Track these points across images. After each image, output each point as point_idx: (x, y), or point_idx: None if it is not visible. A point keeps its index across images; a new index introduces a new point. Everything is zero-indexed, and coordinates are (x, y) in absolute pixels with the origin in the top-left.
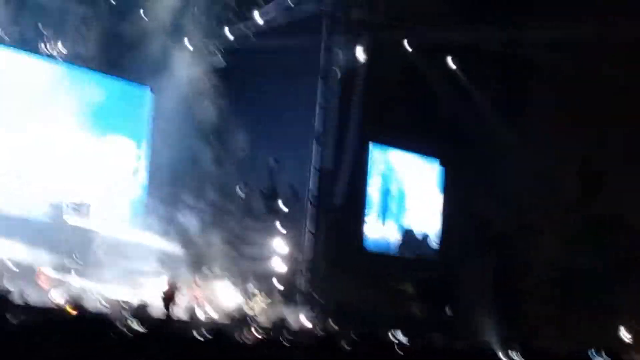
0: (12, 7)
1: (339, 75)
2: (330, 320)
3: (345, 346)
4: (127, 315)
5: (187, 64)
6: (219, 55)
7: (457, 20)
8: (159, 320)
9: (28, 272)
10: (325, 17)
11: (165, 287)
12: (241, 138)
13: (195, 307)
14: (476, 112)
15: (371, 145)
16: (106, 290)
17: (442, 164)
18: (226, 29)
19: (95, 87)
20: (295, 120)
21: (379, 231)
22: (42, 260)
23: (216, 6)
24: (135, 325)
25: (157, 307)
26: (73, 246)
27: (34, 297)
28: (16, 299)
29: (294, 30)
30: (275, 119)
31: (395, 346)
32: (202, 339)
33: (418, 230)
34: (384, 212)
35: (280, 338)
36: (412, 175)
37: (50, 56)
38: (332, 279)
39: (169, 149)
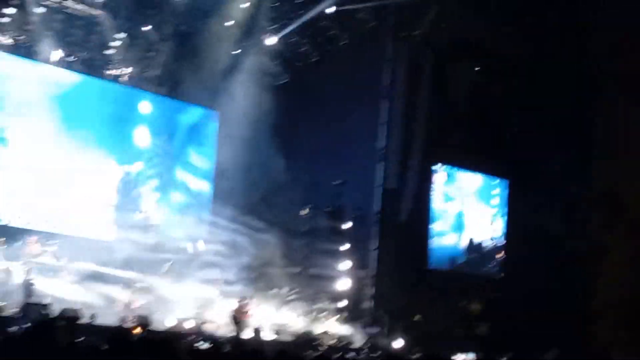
0: (86, 34)
1: (403, 94)
2: (395, 339)
3: None
4: (195, 335)
5: (251, 85)
6: (282, 75)
7: (522, 37)
8: (227, 339)
9: (100, 293)
10: (389, 36)
11: (235, 307)
12: (305, 157)
13: (263, 326)
14: (542, 129)
15: (435, 164)
16: (175, 309)
17: (507, 182)
18: (288, 48)
19: (161, 110)
20: (359, 139)
21: (444, 249)
22: (112, 281)
23: (278, 26)
24: (204, 345)
25: (225, 327)
26: (142, 266)
27: (105, 318)
28: (87, 319)
29: (358, 48)
30: (339, 138)
31: None
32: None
33: (483, 248)
34: (449, 230)
35: (347, 357)
36: (477, 193)
37: (117, 81)
38: (398, 297)
39: (234, 170)
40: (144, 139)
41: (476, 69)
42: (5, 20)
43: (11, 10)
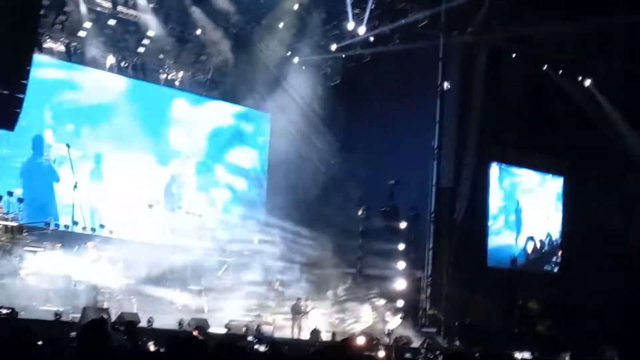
0: (138, 39)
1: (456, 91)
2: (454, 338)
3: None
4: (253, 337)
5: (304, 86)
6: (335, 76)
7: (576, 30)
8: (285, 341)
9: (156, 297)
10: (441, 34)
11: (296, 309)
12: (359, 158)
13: (320, 327)
14: (600, 125)
15: (491, 161)
16: (231, 312)
17: (564, 178)
18: (341, 49)
19: (217, 114)
20: (414, 138)
21: (501, 247)
22: (169, 284)
23: (330, 26)
24: (261, 348)
25: (281, 329)
26: (197, 270)
27: (161, 321)
28: (145, 323)
29: (411, 47)
30: (393, 138)
31: None
32: None
33: (541, 245)
34: (506, 228)
35: (405, 357)
36: (533, 190)
37: (169, 85)
38: (455, 296)
39: (288, 170)
40: (196, 142)
41: (530, 65)
42: (58, 27)
43: (63, 17)
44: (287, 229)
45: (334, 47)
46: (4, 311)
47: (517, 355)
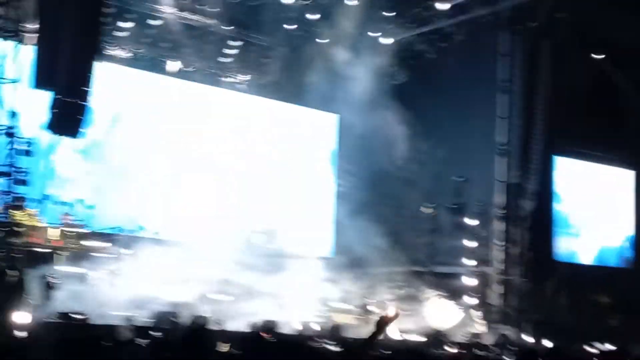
0: (202, 44)
1: (522, 87)
2: (525, 334)
3: None
4: (325, 338)
5: (369, 86)
6: (400, 75)
7: None
8: (356, 341)
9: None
10: (505, 29)
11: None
12: (425, 154)
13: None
14: None
15: (558, 156)
16: (298, 313)
17: (635, 173)
18: (404, 47)
19: (284, 116)
20: (478, 134)
21: (570, 242)
22: (234, 286)
23: (390, 23)
24: (332, 347)
25: (346, 328)
26: (262, 271)
27: (232, 324)
28: (213, 325)
29: (474, 43)
30: (459, 133)
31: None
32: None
33: (611, 240)
34: (576, 223)
35: (476, 354)
36: (603, 184)
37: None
38: (525, 292)
39: (356, 171)
40: (263, 146)
41: (596, 57)
42: (124, 34)
43: (129, 24)
44: (356, 228)
45: (397, 45)
46: (76, 317)
47: (590, 349)
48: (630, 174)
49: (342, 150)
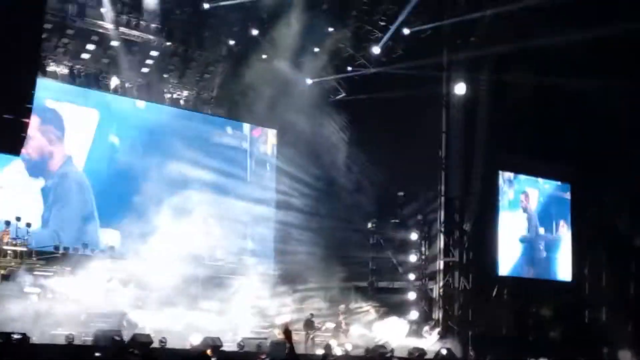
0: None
1: (461, 102)
2: (468, 347)
3: None
4: (265, 355)
5: (309, 102)
6: (340, 91)
7: (581, 37)
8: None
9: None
10: (446, 45)
11: (309, 325)
12: (367, 170)
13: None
14: (606, 130)
15: (499, 170)
16: (243, 330)
17: (572, 185)
18: (344, 63)
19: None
20: (422, 149)
21: (512, 256)
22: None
23: (334, 42)
24: None
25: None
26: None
27: (174, 341)
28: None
29: (415, 60)
30: (401, 150)
31: None
32: None
33: (547, 252)
34: (517, 236)
35: None
36: (543, 197)
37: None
38: (468, 305)
39: (297, 186)
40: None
41: (535, 73)
42: (61, 49)
43: (66, 40)
44: (297, 243)
45: (337, 61)
46: (16, 336)
47: None
48: (566, 187)
49: (282, 165)
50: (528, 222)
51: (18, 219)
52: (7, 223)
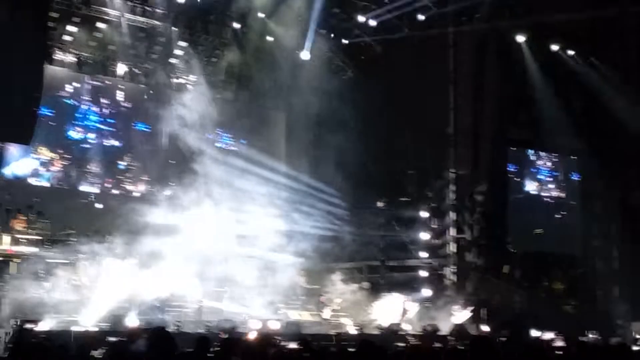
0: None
1: (469, 77)
2: (481, 323)
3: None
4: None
5: (317, 83)
6: (348, 70)
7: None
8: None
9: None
10: (451, 21)
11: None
12: (377, 149)
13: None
14: (612, 105)
15: (508, 145)
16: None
17: (579, 158)
18: (352, 43)
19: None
20: (431, 126)
21: (524, 230)
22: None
23: (338, 20)
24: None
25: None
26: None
27: (189, 326)
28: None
29: (421, 37)
30: (410, 127)
31: (547, 345)
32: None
33: (561, 226)
34: (527, 210)
35: (434, 345)
36: (552, 172)
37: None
38: (482, 282)
39: (304, 167)
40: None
41: (541, 46)
42: (68, 38)
43: (73, 28)
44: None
45: (345, 41)
46: (29, 325)
47: (544, 335)
48: (574, 160)
49: (292, 147)
50: (538, 197)
51: (30, 207)
52: (19, 210)
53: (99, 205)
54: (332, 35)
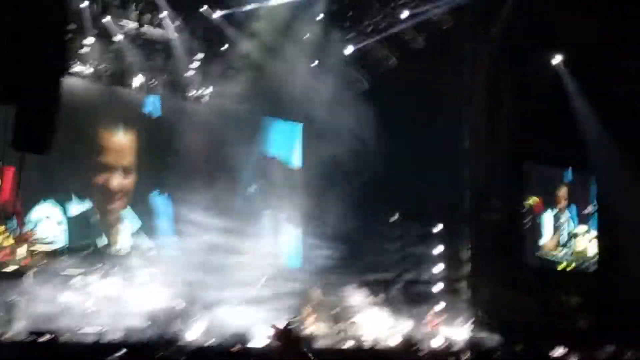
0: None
1: (484, 93)
2: (495, 337)
3: None
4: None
5: (333, 96)
6: (362, 84)
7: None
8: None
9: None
10: (467, 36)
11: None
12: (391, 163)
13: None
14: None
15: (524, 160)
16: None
17: (596, 173)
18: (366, 56)
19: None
20: (445, 140)
21: (539, 245)
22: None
23: (355, 34)
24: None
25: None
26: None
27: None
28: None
29: (437, 50)
30: (425, 141)
31: None
32: None
33: (578, 242)
34: (543, 226)
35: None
36: (567, 188)
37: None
38: (496, 296)
39: (321, 179)
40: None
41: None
42: (85, 50)
43: (90, 40)
44: (321, 236)
45: (359, 54)
46: (46, 337)
47: (557, 351)
48: (591, 175)
49: (308, 160)
50: (555, 214)
51: (46, 217)
52: (35, 221)
53: None
54: (348, 46)
